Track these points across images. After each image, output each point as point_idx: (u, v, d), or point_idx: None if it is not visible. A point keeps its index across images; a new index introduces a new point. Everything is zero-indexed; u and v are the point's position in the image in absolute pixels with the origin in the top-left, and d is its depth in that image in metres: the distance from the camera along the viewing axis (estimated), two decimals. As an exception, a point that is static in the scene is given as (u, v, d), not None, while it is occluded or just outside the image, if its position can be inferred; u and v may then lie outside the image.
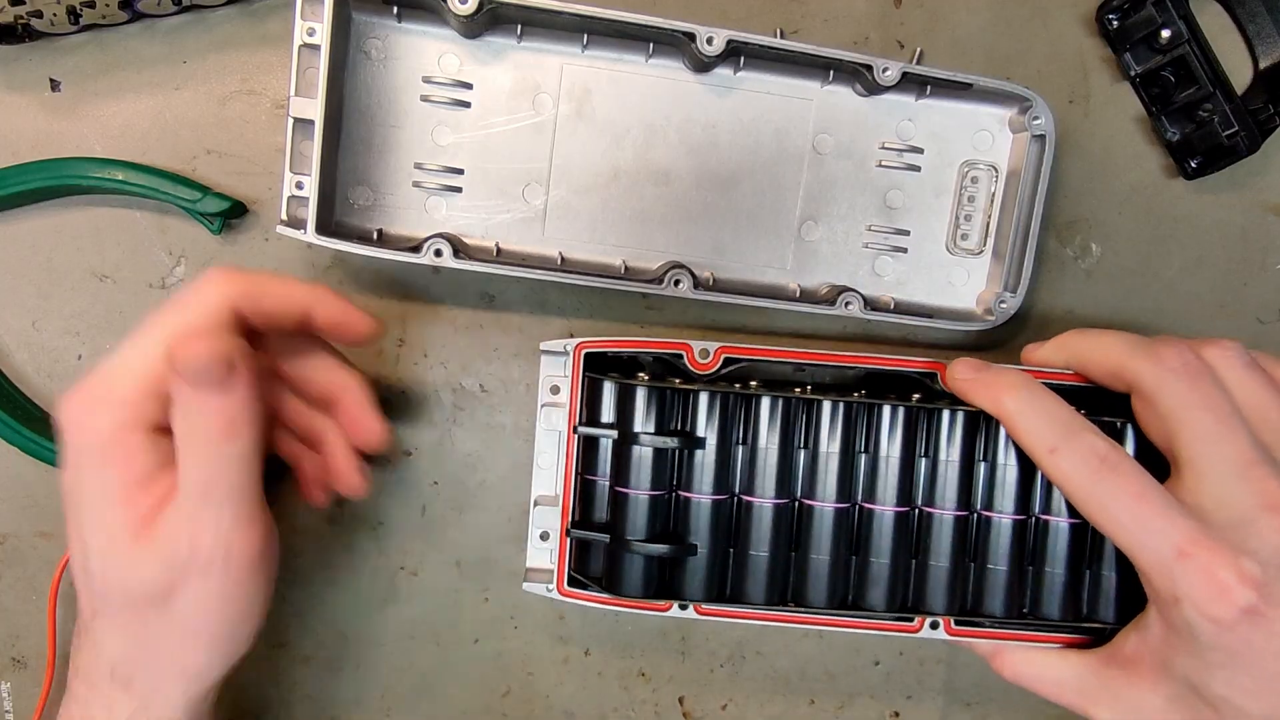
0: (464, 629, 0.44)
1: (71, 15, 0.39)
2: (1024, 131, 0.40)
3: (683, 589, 0.36)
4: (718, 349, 0.36)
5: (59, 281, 0.42)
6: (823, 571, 0.36)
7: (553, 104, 0.40)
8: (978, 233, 0.41)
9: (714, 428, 0.35)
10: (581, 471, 0.37)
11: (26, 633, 0.43)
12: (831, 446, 0.36)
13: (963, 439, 0.36)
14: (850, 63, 0.38)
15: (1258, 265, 0.45)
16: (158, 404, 0.31)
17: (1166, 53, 0.41)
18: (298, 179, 0.36)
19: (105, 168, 0.40)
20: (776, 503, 0.36)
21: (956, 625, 0.37)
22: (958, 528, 0.36)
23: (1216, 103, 0.41)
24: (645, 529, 0.35)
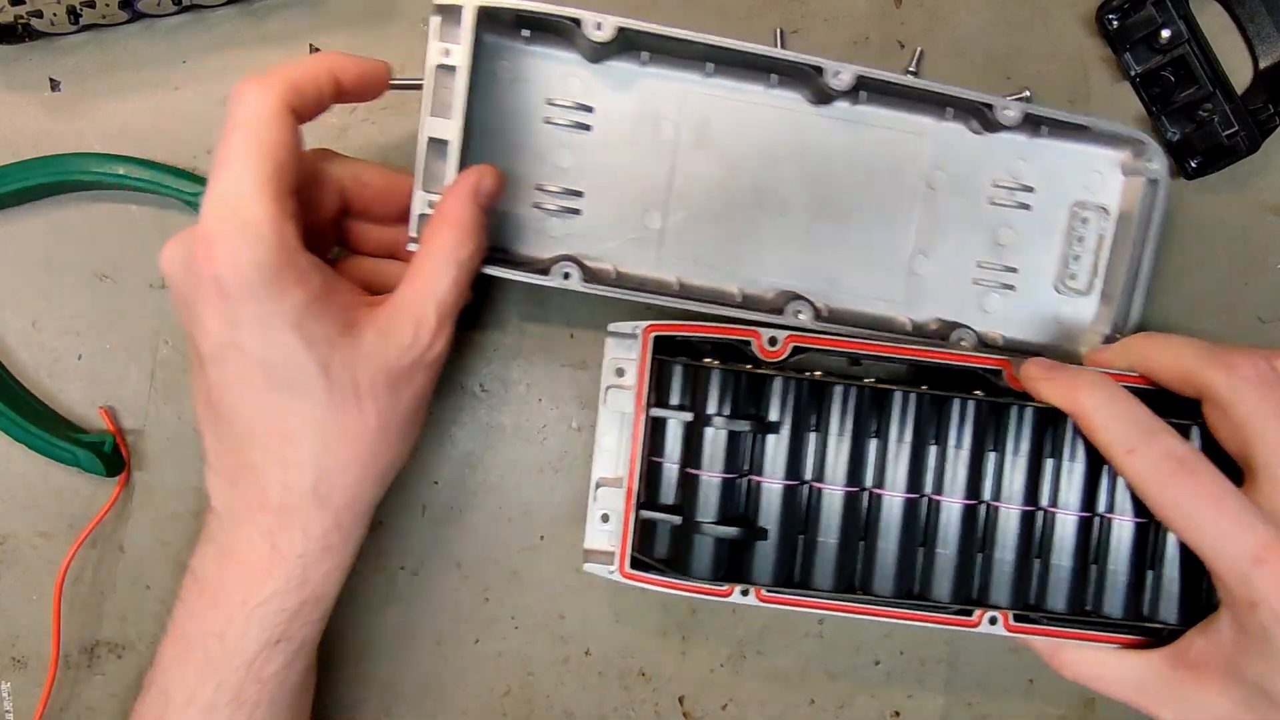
0: (464, 629, 0.44)
1: (71, 15, 0.39)
2: (1136, 175, 0.40)
3: (751, 573, 0.36)
4: (786, 337, 0.37)
5: (59, 281, 0.42)
6: (890, 562, 0.36)
7: (673, 130, 0.40)
8: (1086, 273, 0.42)
9: (787, 413, 0.36)
10: (648, 454, 0.37)
11: (26, 633, 0.43)
12: (902, 437, 0.36)
13: (1031, 435, 0.36)
14: (971, 101, 0.39)
15: (1258, 265, 0.45)
16: (291, 224, 0.31)
17: (1166, 53, 0.41)
18: (429, 198, 0.37)
19: (107, 163, 0.40)
20: (847, 490, 0.36)
21: (1015, 621, 0.37)
22: (1024, 523, 0.36)
23: (1216, 102, 0.41)
24: (716, 511, 0.35)
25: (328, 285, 0.33)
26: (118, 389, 0.43)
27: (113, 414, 0.42)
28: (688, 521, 0.36)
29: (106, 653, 0.43)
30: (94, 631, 0.43)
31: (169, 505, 0.43)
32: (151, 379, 0.43)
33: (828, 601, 0.37)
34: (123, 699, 0.43)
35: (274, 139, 0.31)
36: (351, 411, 0.33)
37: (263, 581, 0.34)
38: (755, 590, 0.36)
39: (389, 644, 0.44)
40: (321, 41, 0.42)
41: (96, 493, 0.43)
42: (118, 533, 0.43)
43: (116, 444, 0.42)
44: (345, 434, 0.33)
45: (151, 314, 0.42)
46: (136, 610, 0.43)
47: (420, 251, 0.35)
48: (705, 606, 0.44)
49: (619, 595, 0.44)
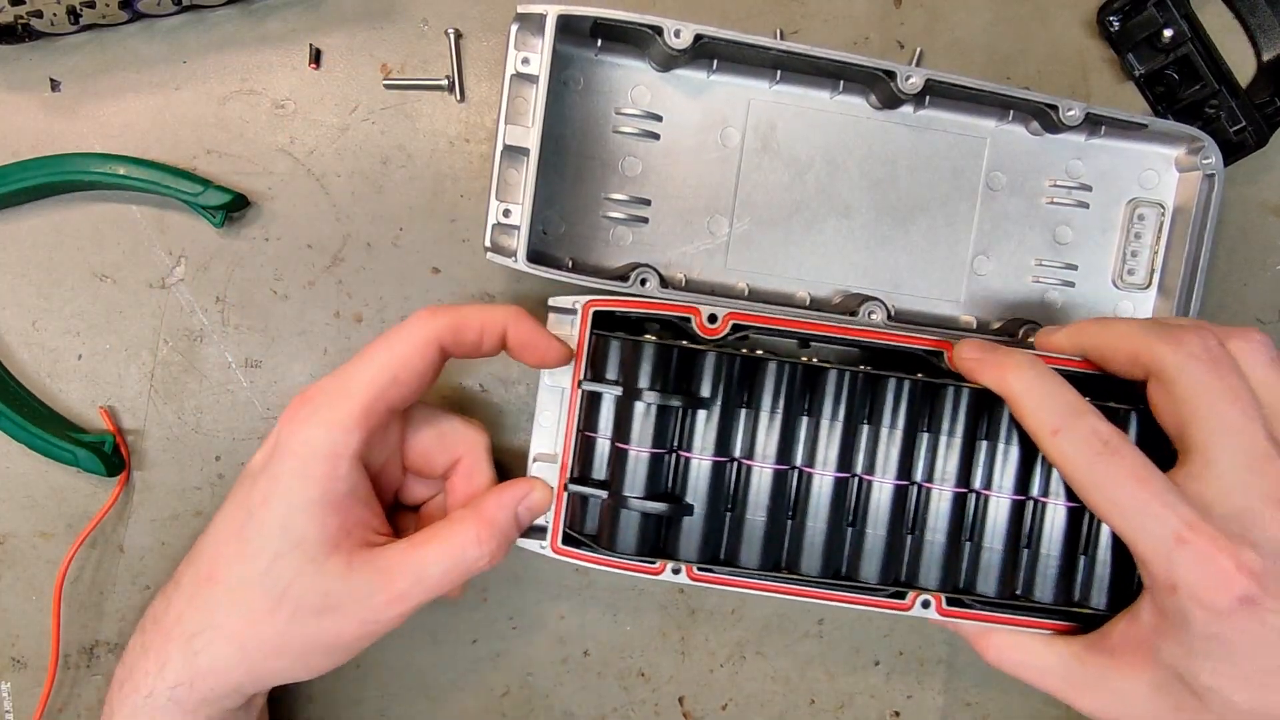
0: (462, 629, 0.44)
1: (71, 15, 0.39)
2: (1192, 170, 0.41)
3: (677, 550, 0.36)
4: (726, 314, 0.36)
5: (59, 281, 0.42)
6: (818, 540, 0.36)
7: (739, 137, 0.41)
8: (1144, 268, 0.43)
9: (718, 389, 0.35)
10: (583, 429, 0.37)
11: (26, 633, 0.43)
12: (834, 416, 0.36)
13: (966, 417, 0.36)
14: (1035, 102, 0.39)
15: (1258, 265, 0.45)
16: (366, 435, 0.33)
17: (1169, 52, 0.41)
18: (504, 207, 0.37)
19: (107, 162, 0.40)
20: (776, 468, 0.36)
21: (948, 605, 0.36)
22: (956, 505, 0.36)
23: (1222, 99, 0.41)
24: (644, 487, 0.35)
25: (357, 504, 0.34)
26: (118, 389, 0.43)
27: (113, 414, 0.42)
28: (615, 496, 0.35)
29: (106, 653, 0.43)
30: (94, 631, 0.43)
31: (169, 505, 0.43)
32: (151, 379, 0.43)
33: (758, 581, 0.36)
34: (122, 699, 0.43)
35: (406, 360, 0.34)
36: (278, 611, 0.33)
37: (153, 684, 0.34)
38: (687, 568, 0.36)
39: (388, 644, 0.44)
40: (322, 41, 0.42)
41: (96, 493, 0.43)
42: (118, 533, 0.43)
43: (116, 444, 0.42)
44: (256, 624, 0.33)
45: (151, 314, 0.42)
46: (136, 610, 0.43)
47: (436, 530, 0.35)
48: (704, 607, 0.44)
49: (619, 595, 0.44)
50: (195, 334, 0.43)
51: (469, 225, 0.43)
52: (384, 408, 0.34)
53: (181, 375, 0.43)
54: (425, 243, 0.43)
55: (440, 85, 0.42)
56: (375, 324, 0.43)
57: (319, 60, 0.42)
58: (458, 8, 0.43)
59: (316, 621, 0.33)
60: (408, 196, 0.43)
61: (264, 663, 0.34)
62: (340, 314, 0.43)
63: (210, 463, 0.43)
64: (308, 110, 0.42)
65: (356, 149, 0.43)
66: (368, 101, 0.43)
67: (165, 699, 0.34)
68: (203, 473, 0.43)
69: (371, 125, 0.43)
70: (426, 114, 0.43)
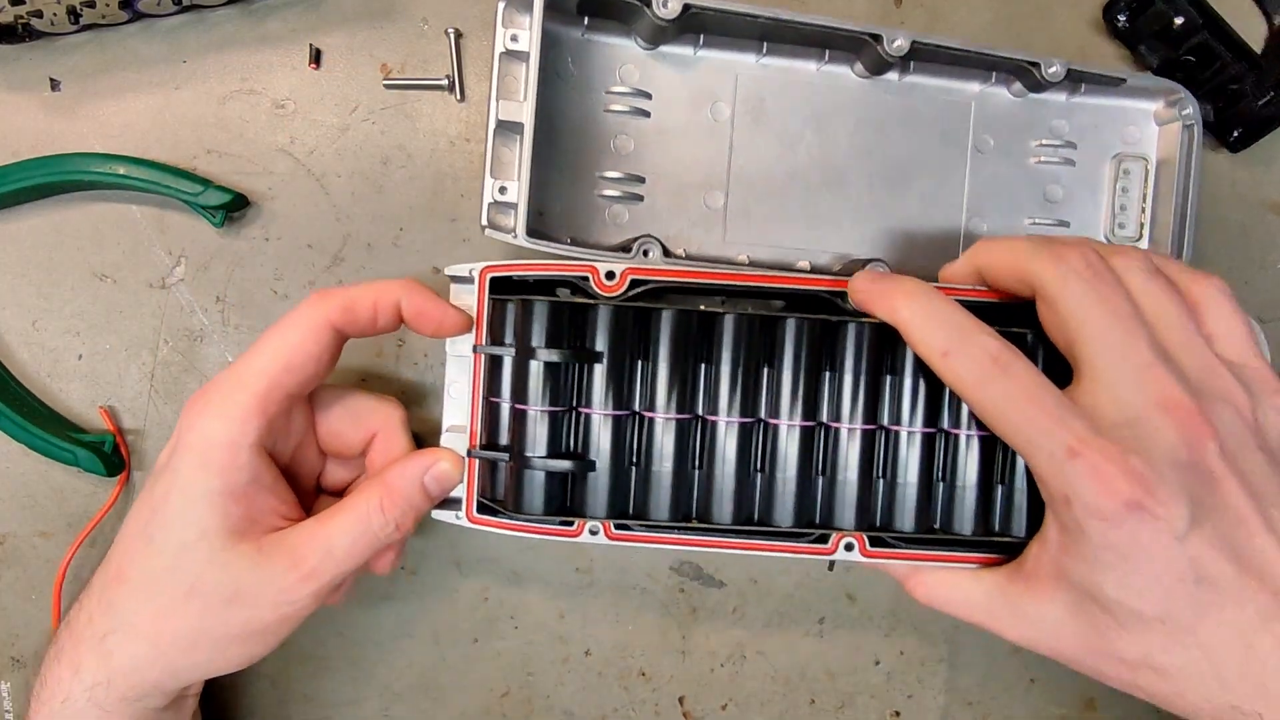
0: (464, 629, 0.44)
1: (71, 15, 0.39)
2: (1171, 123, 0.42)
3: (585, 507, 0.35)
4: (624, 270, 0.35)
5: (59, 281, 0.42)
6: (727, 488, 0.35)
7: (729, 112, 0.41)
8: (1134, 221, 0.43)
9: (611, 342, 0.35)
10: (488, 395, 0.37)
11: (26, 632, 0.43)
12: (733, 362, 0.35)
13: (869, 353, 0.35)
14: (1017, 61, 0.40)
15: (1258, 263, 0.45)
16: (265, 423, 0.33)
17: (1183, 40, 0.42)
18: (500, 184, 0.37)
19: (107, 162, 0.40)
20: (678, 418, 0.35)
21: (871, 547, 0.36)
22: (865, 443, 0.36)
23: (1244, 75, 0.41)
24: (545, 445, 0.35)
25: (261, 491, 0.34)
26: (118, 389, 0.43)
27: (113, 414, 0.42)
28: (517, 458, 0.35)
29: (106, 652, 0.43)
30: (94, 631, 0.43)
31: (169, 505, 0.43)
32: (151, 379, 0.43)
33: (678, 536, 0.36)
34: (123, 699, 0.43)
35: (299, 346, 0.34)
36: (188, 603, 0.33)
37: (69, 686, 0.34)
38: (604, 528, 0.35)
39: (388, 643, 0.44)
40: (322, 41, 0.42)
41: (96, 493, 0.43)
42: (118, 532, 0.43)
43: (116, 444, 0.42)
44: (168, 618, 0.33)
45: (151, 314, 0.42)
46: (136, 610, 0.43)
47: (341, 504, 0.35)
48: (704, 606, 0.44)
49: (620, 595, 0.44)
50: (195, 334, 0.43)
51: (469, 225, 0.43)
52: (281, 395, 0.34)
53: (182, 375, 0.43)
54: (425, 243, 0.43)
55: (440, 85, 0.42)
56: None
57: (319, 60, 0.42)
58: (458, 8, 0.43)
59: (229, 611, 0.33)
60: (408, 196, 0.43)
61: (180, 657, 0.34)
62: (340, 314, 0.43)
63: (210, 463, 0.43)
64: (308, 110, 0.42)
65: (356, 149, 0.43)
66: (368, 101, 0.43)
67: (83, 701, 0.34)
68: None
69: (371, 125, 0.43)
70: (426, 114, 0.43)
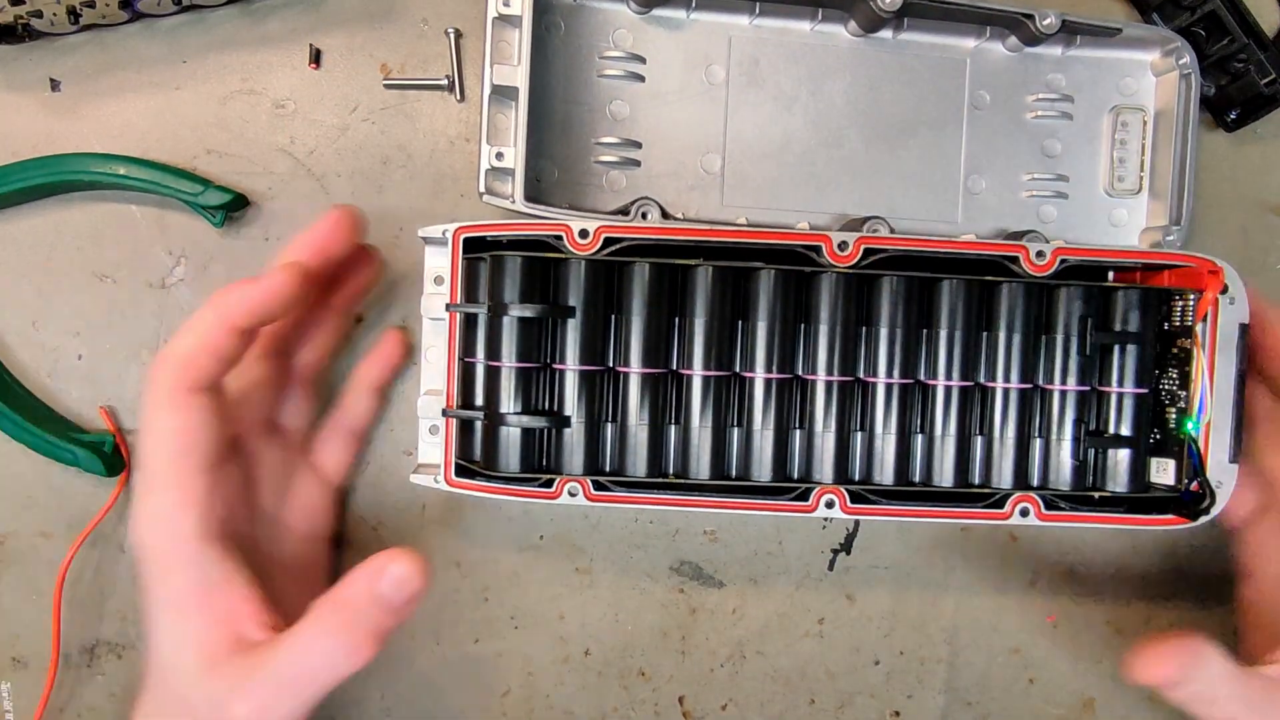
0: (464, 629, 0.44)
1: (71, 15, 0.39)
2: (1169, 73, 0.42)
3: (560, 465, 0.35)
4: (598, 228, 0.35)
5: (59, 281, 0.42)
6: (705, 444, 0.35)
7: (724, 74, 0.41)
8: (1133, 174, 0.43)
9: (585, 297, 0.35)
10: (464, 356, 0.36)
11: (26, 633, 0.43)
12: (707, 315, 0.35)
13: (844, 304, 0.35)
14: (1010, 14, 0.40)
15: (1258, 264, 0.45)
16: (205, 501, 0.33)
17: (1195, 9, 0.42)
18: (497, 150, 0.37)
19: (107, 162, 0.40)
20: (650, 372, 0.35)
21: (852, 504, 0.36)
22: (841, 395, 0.36)
23: (1251, 53, 0.42)
24: (519, 402, 0.35)
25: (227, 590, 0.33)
26: (118, 389, 0.43)
27: (113, 414, 0.42)
28: (492, 416, 0.35)
29: (106, 653, 0.43)
30: (94, 631, 0.43)
31: (169, 505, 0.43)
32: (151, 379, 0.43)
33: (659, 496, 0.36)
34: (122, 699, 0.43)
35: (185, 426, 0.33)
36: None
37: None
38: (583, 489, 0.35)
39: (389, 643, 0.44)
40: (322, 41, 0.42)
41: (96, 493, 0.43)
42: (118, 533, 0.43)
43: (116, 444, 0.42)
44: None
45: (151, 314, 0.42)
46: (136, 610, 0.43)
47: (295, 631, 0.32)
48: (704, 606, 0.44)
49: (620, 595, 0.44)
50: (195, 334, 0.43)
51: (469, 225, 0.43)
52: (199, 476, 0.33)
53: (181, 375, 0.43)
54: (425, 243, 0.43)
55: (440, 85, 0.42)
56: (376, 324, 0.43)
57: (319, 60, 0.42)
58: (458, 8, 0.43)
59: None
60: (408, 196, 0.43)
61: None
62: (340, 314, 0.43)
63: (210, 463, 0.43)
64: (308, 110, 0.42)
65: (356, 149, 0.43)
66: (368, 101, 0.43)
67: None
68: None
69: (371, 125, 0.43)
70: (426, 114, 0.43)
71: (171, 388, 0.33)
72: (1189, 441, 0.36)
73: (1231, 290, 0.36)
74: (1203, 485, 0.35)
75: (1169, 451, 0.36)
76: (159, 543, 0.33)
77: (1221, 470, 0.36)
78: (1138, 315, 0.36)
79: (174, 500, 0.33)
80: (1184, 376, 0.36)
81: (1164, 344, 0.37)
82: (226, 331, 0.33)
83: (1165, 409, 0.37)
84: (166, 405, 0.33)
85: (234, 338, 0.33)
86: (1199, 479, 0.35)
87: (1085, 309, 0.36)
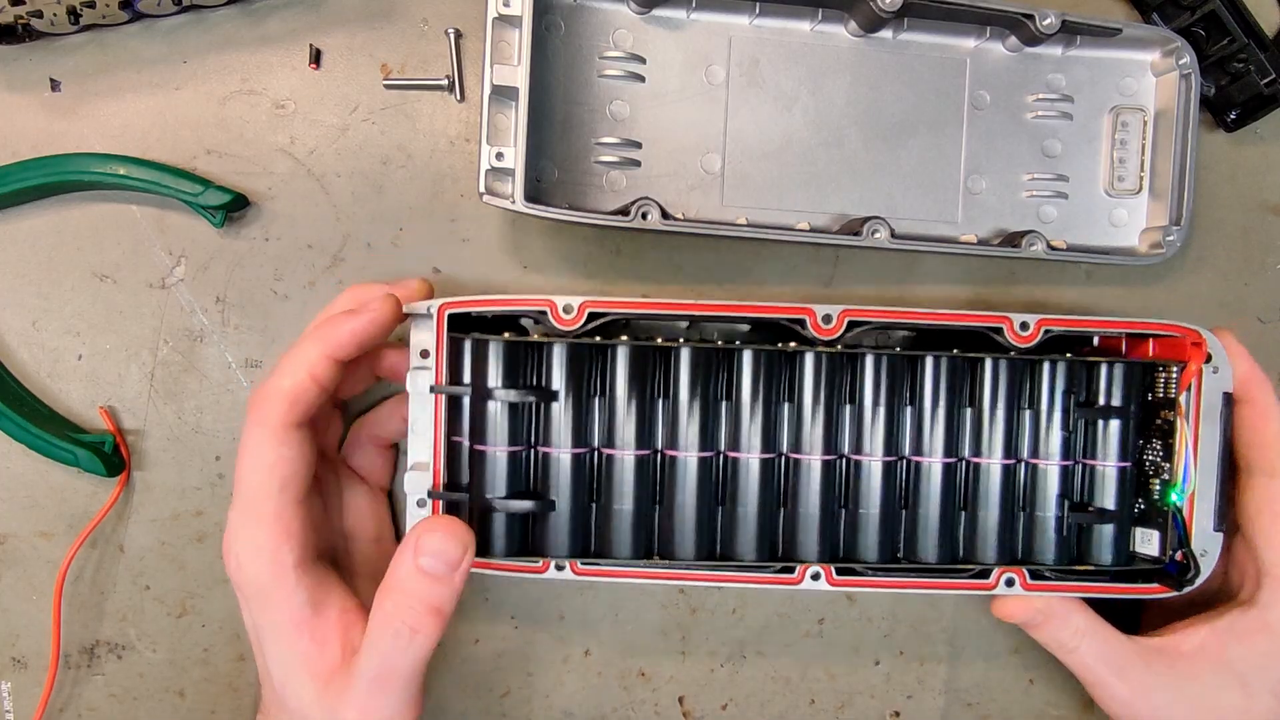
0: (464, 629, 0.44)
1: (71, 15, 0.39)
2: (1168, 73, 0.42)
3: (546, 546, 0.35)
4: (581, 304, 0.35)
5: (59, 281, 0.42)
6: (689, 523, 0.35)
7: (724, 74, 0.41)
8: (1133, 174, 0.43)
9: (567, 380, 0.35)
10: (450, 434, 0.36)
11: (26, 633, 0.43)
12: (691, 395, 0.35)
13: (826, 383, 0.36)
14: (1011, 14, 0.40)
15: (1258, 264, 0.45)
16: (294, 543, 0.34)
17: (1195, 9, 0.42)
18: (497, 150, 0.37)
19: (107, 162, 0.40)
20: (637, 454, 0.35)
21: (838, 576, 0.36)
22: (825, 473, 0.36)
23: (1251, 53, 0.42)
24: (505, 486, 0.35)
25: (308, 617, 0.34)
26: (118, 389, 0.43)
27: (113, 414, 0.42)
28: (477, 499, 0.35)
29: (106, 653, 0.43)
30: (94, 631, 0.43)
31: (169, 505, 0.43)
32: (151, 379, 0.43)
33: (644, 569, 0.36)
34: (123, 699, 0.43)
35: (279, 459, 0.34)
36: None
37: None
38: (571, 564, 0.35)
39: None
40: (322, 41, 0.42)
41: (96, 493, 0.43)
42: (118, 533, 0.43)
43: (116, 444, 0.42)
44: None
45: (151, 314, 0.42)
46: (136, 610, 0.43)
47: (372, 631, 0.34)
48: (704, 606, 0.44)
49: (619, 595, 0.44)
50: (195, 334, 0.43)
51: (469, 225, 0.43)
52: (292, 509, 0.34)
53: (181, 375, 0.43)
54: (425, 243, 0.43)
55: (440, 85, 0.42)
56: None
57: (319, 60, 0.42)
58: (458, 8, 0.43)
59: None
60: (408, 196, 0.43)
61: None
62: (340, 314, 0.43)
63: (210, 463, 0.43)
64: (308, 110, 0.42)
65: (356, 149, 0.43)
66: (368, 101, 0.43)
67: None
68: (203, 473, 0.43)
69: (371, 125, 0.43)
70: (426, 114, 0.43)
71: (277, 423, 0.34)
72: (1173, 512, 0.36)
73: (1215, 360, 0.36)
74: (1187, 556, 0.36)
75: (1153, 522, 0.37)
76: (261, 574, 0.34)
77: (1206, 539, 0.36)
78: (1121, 389, 0.37)
79: (276, 533, 0.34)
80: (1168, 448, 0.36)
81: (1148, 414, 0.37)
82: (328, 364, 0.34)
83: (1149, 480, 0.37)
84: (270, 440, 0.34)
85: (335, 370, 0.34)
86: (1184, 550, 0.36)
87: (1068, 384, 0.37)
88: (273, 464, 0.34)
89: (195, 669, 0.43)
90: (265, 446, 0.34)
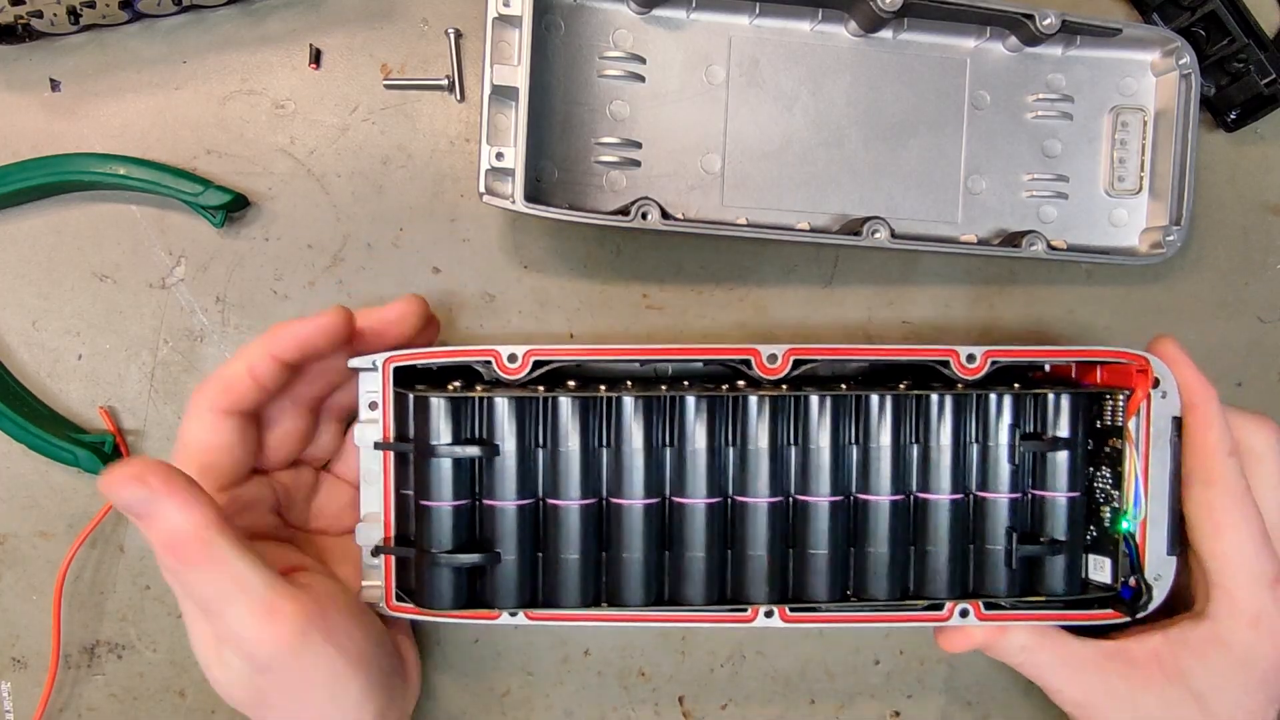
0: (463, 629, 0.44)
1: (71, 15, 0.39)
2: (1169, 73, 0.42)
3: (493, 598, 0.35)
4: (526, 353, 0.35)
5: (59, 281, 0.42)
6: (636, 570, 0.35)
7: (724, 74, 0.41)
8: (1133, 174, 0.43)
9: (511, 432, 0.35)
10: (399, 487, 0.36)
11: (26, 633, 0.43)
12: (635, 442, 0.35)
13: (769, 424, 0.35)
14: (1011, 14, 0.40)
15: (1258, 264, 0.45)
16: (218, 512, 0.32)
17: (1195, 9, 0.42)
18: (497, 150, 0.37)
19: (107, 163, 0.40)
20: (582, 504, 0.35)
21: (792, 612, 0.36)
22: (771, 514, 0.36)
23: (1251, 53, 0.42)
24: (450, 540, 0.35)
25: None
26: (118, 389, 0.43)
27: (113, 414, 0.42)
28: (423, 554, 0.35)
29: (106, 653, 0.43)
30: (94, 631, 0.43)
31: (169, 505, 0.43)
32: (151, 379, 0.43)
33: (596, 613, 0.36)
34: (123, 699, 0.43)
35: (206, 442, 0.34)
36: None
37: None
38: (524, 611, 0.35)
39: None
40: (322, 41, 0.42)
41: (96, 493, 0.43)
42: (118, 533, 0.43)
43: (116, 444, 0.42)
44: None
45: (151, 314, 0.42)
46: (136, 610, 0.43)
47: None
48: (705, 606, 0.44)
49: (619, 595, 0.44)
50: (195, 334, 0.43)
51: (469, 225, 0.43)
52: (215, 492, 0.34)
53: (181, 375, 0.43)
54: (425, 243, 0.43)
55: (440, 85, 0.42)
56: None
57: (319, 60, 0.42)
58: (458, 8, 0.43)
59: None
60: (408, 196, 0.43)
61: None
62: (340, 314, 0.43)
63: (210, 463, 0.43)
64: (308, 110, 0.42)
65: (356, 149, 0.43)
66: (368, 101, 0.43)
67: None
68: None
69: (371, 125, 0.43)
70: (426, 114, 0.43)
71: (208, 407, 0.34)
72: (1125, 539, 0.36)
73: (1163, 384, 0.35)
74: (1140, 582, 0.36)
75: (1105, 550, 0.36)
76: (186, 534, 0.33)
77: (1160, 563, 0.36)
78: (1068, 419, 0.36)
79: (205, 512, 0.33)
80: (1118, 475, 0.36)
81: (1097, 441, 0.37)
82: (270, 363, 0.34)
83: (1099, 507, 0.37)
84: (194, 424, 0.34)
85: (275, 368, 0.34)
86: (1136, 576, 0.36)
87: (1014, 417, 0.36)
88: (197, 447, 0.34)
89: (195, 669, 0.43)
90: (192, 426, 0.34)
